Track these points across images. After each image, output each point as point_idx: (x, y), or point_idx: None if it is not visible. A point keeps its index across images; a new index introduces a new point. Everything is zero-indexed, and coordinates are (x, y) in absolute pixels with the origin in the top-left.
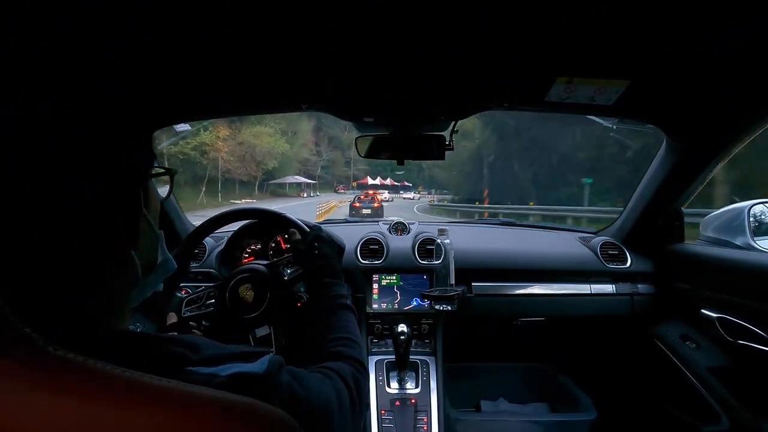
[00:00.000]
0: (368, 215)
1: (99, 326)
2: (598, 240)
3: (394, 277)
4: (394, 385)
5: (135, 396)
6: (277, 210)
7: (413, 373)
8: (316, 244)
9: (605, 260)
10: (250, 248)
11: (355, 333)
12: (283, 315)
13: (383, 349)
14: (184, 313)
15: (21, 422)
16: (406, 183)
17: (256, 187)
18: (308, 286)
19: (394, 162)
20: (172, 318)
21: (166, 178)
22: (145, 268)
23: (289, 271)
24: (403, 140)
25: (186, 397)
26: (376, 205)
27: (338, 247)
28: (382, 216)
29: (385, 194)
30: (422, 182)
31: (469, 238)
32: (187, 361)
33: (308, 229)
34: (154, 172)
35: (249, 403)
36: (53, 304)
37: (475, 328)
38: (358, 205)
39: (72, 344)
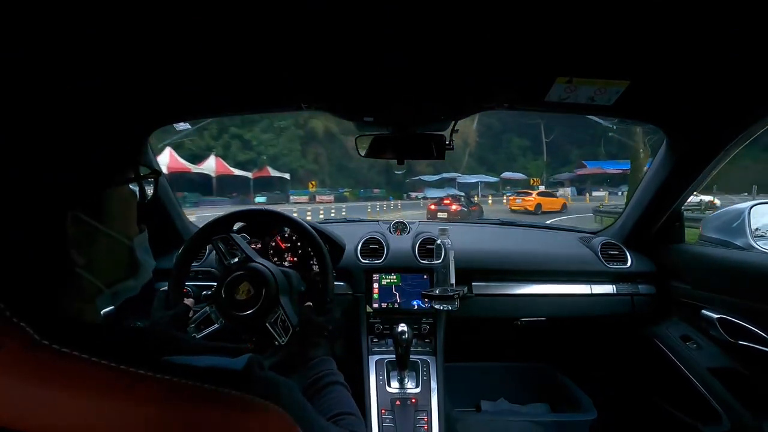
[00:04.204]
0: (444, 219)
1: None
2: (599, 240)
3: (395, 277)
4: (395, 384)
5: (126, 388)
6: (306, 224)
7: (414, 373)
8: (330, 327)
9: (606, 260)
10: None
11: (352, 407)
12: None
13: (383, 349)
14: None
15: (16, 412)
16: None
17: None
18: (301, 348)
19: None
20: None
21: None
22: (112, 276)
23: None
24: (403, 140)
25: (179, 389)
26: (454, 208)
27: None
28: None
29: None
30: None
31: (470, 238)
32: (164, 351)
33: (333, 294)
34: (141, 174)
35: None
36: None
37: (475, 328)
38: (434, 208)
39: (55, 336)
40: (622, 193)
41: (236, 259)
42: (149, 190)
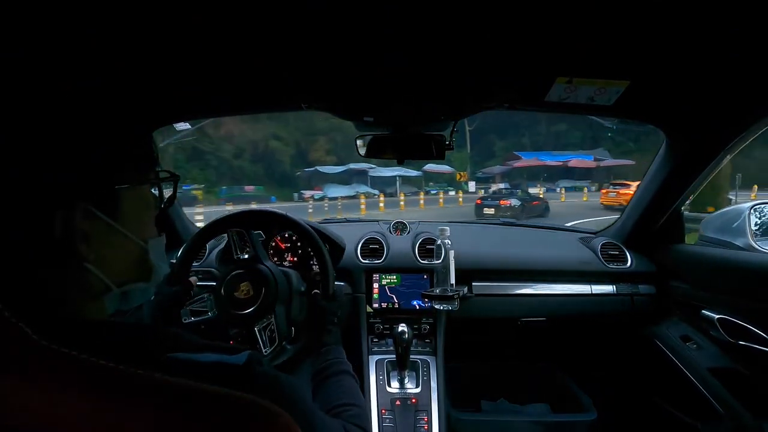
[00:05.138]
0: (490, 216)
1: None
2: (599, 240)
3: (395, 277)
4: (395, 384)
5: (126, 389)
6: (306, 225)
7: (414, 373)
8: (338, 312)
9: (606, 260)
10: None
11: (357, 398)
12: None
13: (383, 349)
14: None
15: (15, 412)
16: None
17: None
18: (310, 340)
19: None
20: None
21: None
22: (122, 276)
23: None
24: (403, 140)
25: (181, 391)
26: (501, 202)
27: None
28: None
29: None
30: None
31: (470, 238)
32: (168, 348)
33: (334, 285)
34: (160, 176)
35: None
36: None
37: (475, 328)
38: (479, 201)
39: (56, 334)
40: (559, 189)
41: (246, 256)
42: (167, 193)
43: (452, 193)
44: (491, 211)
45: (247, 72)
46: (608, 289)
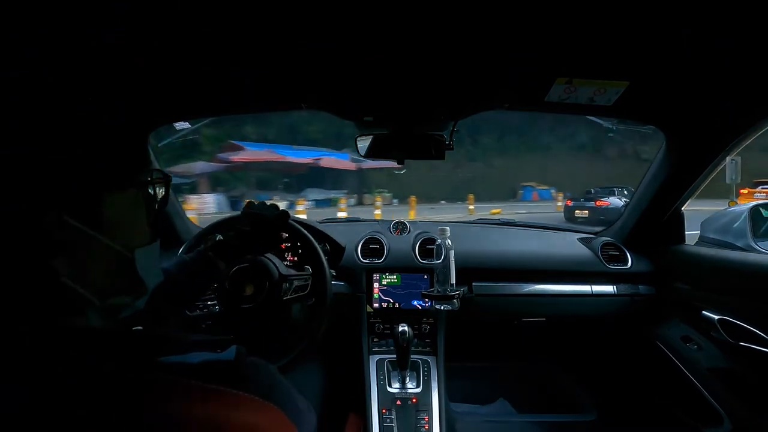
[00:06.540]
0: (583, 220)
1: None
2: (599, 240)
3: (395, 277)
4: (395, 384)
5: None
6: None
7: (414, 373)
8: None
9: (606, 261)
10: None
11: None
12: (277, 310)
13: (384, 349)
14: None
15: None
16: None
17: None
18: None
19: None
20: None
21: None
22: (104, 288)
23: (288, 266)
24: (403, 140)
25: (173, 388)
26: (598, 203)
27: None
28: None
29: None
30: None
31: (470, 238)
32: (158, 351)
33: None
34: (150, 178)
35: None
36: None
37: (475, 328)
38: (570, 203)
39: (48, 343)
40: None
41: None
42: (159, 196)
43: None
44: (584, 213)
45: (247, 72)
46: (608, 289)
